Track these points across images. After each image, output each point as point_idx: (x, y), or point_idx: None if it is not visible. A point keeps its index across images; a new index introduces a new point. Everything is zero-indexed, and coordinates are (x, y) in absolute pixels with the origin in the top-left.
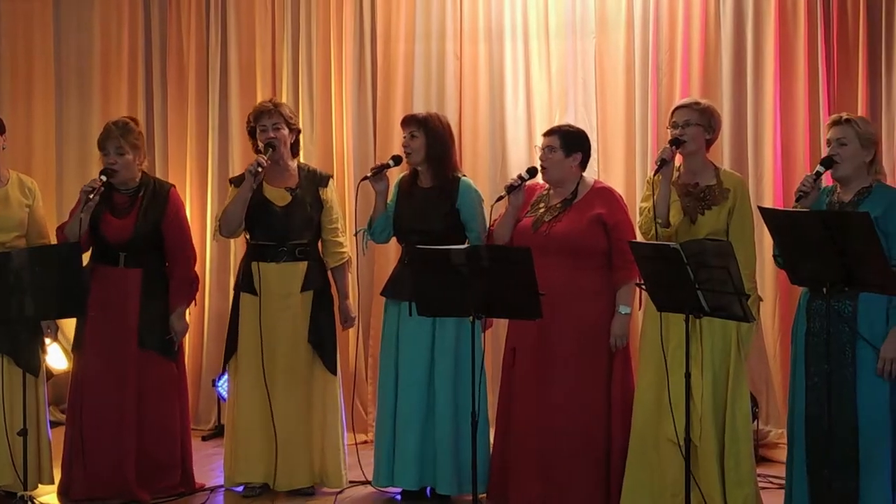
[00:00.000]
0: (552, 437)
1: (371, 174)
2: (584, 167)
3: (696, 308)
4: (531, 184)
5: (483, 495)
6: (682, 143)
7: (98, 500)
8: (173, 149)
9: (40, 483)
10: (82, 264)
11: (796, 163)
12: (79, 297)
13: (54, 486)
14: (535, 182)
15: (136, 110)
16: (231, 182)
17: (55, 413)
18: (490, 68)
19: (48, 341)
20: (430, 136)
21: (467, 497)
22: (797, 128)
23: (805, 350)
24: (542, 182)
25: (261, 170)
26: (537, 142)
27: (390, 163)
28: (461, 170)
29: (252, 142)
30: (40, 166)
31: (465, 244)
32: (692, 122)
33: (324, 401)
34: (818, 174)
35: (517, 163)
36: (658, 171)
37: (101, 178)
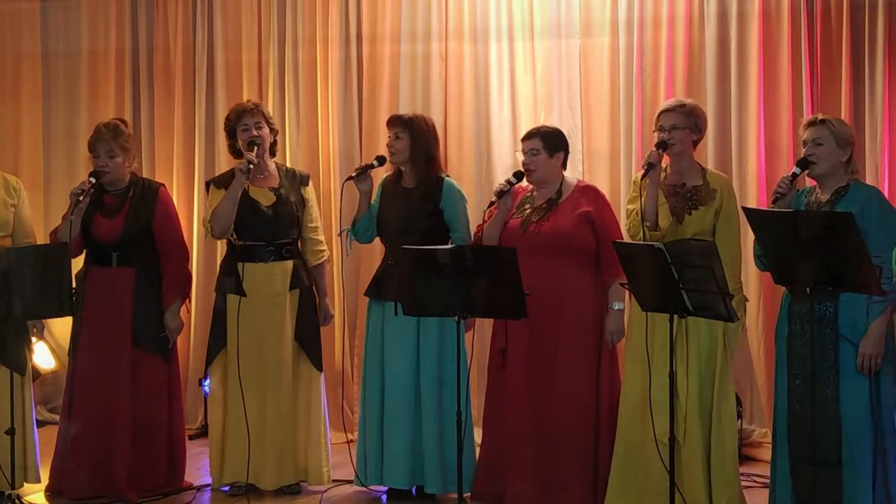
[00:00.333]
0: (546, 436)
1: (355, 174)
2: (565, 166)
3: (681, 308)
4: (515, 187)
5: (467, 495)
6: (668, 146)
7: (88, 499)
8: (160, 149)
9: (26, 482)
10: (69, 264)
11: (780, 163)
12: (66, 297)
13: (40, 484)
14: (518, 185)
15: (123, 110)
16: (210, 183)
17: (42, 412)
18: (475, 69)
19: (34, 340)
20: (414, 137)
21: (453, 496)
22: (781, 128)
23: (787, 352)
24: (525, 184)
25: (252, 167)
26: (520, 145)
27: (374, 163)
28: (445, 170)
29: (229, 141)
30: (28, 166)
31: (449, 244)
32: (679, 126)
33: (308, 398)
34: (794, 175)
35: (502, 163)
36: (645, 175)
37: (91, 180)
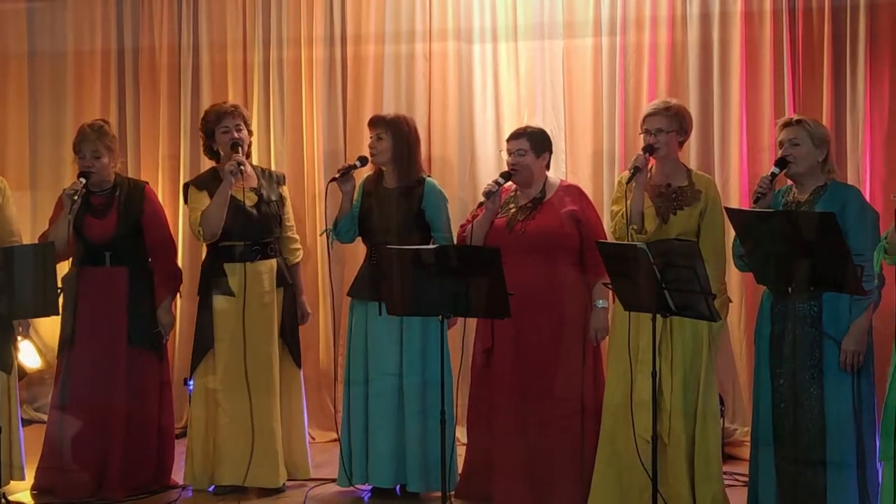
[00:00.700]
0: (532, 435)
1: (339, 175)
2: (549, 166)
3: (663, 307)
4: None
5: (451, 493)
6: (655, 150)
7: (80, 499)
8: (145, 150)
9: (12, 479)
10: (55, 264)
11: (762, 164)
12: (52, 297)
13: (25, 482)
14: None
15: (109, 111)
16: (189, 185)
17: (28, 411)
18: (459, 70)
19: (20, 339)
20: (396, 138)
21: (436, 495)
22: (763, 129)
23: (770, 352)
24: (509, 184)
25: (243, 168)
26: (504, 145)
27: (357, 163)
28: (427, 170)
29: (204, 142)
30: (14, 166)
31: (430, 244)
32: (665, 129)
33: (290, 394)
34: (773, 175)
35: (486, 163)
36: (632, 179)
37: (81, 180)
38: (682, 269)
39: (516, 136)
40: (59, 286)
